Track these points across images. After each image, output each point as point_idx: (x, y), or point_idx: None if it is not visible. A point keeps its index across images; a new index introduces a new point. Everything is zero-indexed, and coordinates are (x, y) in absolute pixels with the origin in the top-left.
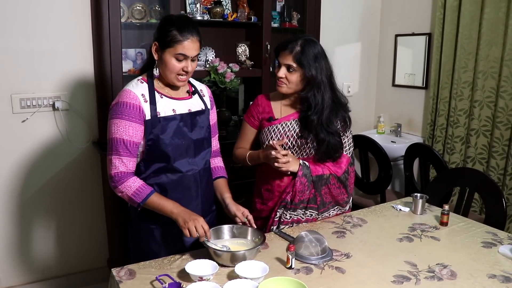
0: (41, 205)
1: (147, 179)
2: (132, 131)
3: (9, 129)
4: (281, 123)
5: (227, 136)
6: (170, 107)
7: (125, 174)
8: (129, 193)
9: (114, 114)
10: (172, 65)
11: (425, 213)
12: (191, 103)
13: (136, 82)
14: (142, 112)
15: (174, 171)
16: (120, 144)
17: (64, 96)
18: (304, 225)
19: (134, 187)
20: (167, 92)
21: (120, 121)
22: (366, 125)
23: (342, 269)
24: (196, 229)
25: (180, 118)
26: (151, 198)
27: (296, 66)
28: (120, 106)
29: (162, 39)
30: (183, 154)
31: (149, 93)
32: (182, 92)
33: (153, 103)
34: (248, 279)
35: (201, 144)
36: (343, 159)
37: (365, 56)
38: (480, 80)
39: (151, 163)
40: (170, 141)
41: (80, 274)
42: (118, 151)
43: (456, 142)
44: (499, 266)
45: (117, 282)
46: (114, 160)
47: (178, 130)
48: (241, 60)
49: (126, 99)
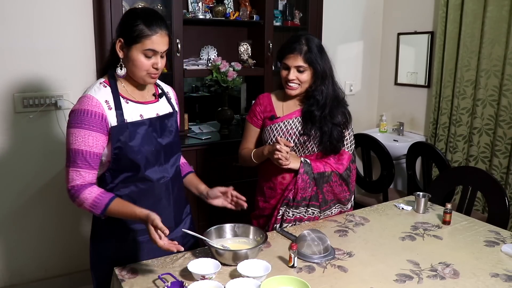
0: (42, 204)
1: (114, 190)
2: (92, 141)
3: (12, 128)
4: (283, 121)
5: (230, 135)
6: (137, 113)
7: (82, 187)
8: (88, 205)
9: (73, 122)
10: (141, 62)
11: (427, 212)
12: (158, 107)
13: (98, 86)
14: (105, 120)
15: (144, 180)
16: (79, 156)
17: (67, 95)
18: (306, 224)
19: (90, 198)
20: (132, 96)
21: (78, 131)
22: (368, 124)
23: (344, 267)
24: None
25: (149, 123)
26: (111, 206)
27: (307, 66)
28: (80, 114)
29: (128, 35)
30: (152, 161)
31: (113, 98)
32: (148, 96)
33: (118, 108)
34: (251, 278)
35: (170, 149)
36: (345, 156)
37: (367, 54)
38: (483, 78)
39: (118, 173)
40: (139, 148)
41: (82, 272)
42: (76, 163)
43: (459, 141)
44: (502, 265)
45: (119, 280)
46: (71, 172)
47: (147, 136)
48: (243, 59)
49: (87, 106)
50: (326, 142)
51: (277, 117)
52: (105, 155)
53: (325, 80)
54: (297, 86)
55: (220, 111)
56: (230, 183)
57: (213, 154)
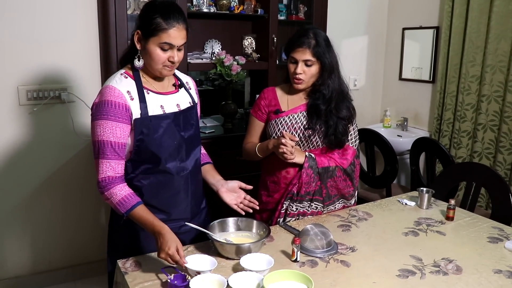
0: (47, 196)
1: (134, 180)
2: (119, 132)
3: (16, 120)
4: (288, 115)
5: (233, 129)
6: (157, 104)
7: (113, 179)
8: (115, 201)
9: (99, 114)
10: (157, 55)
11: (431, 208)
12: (178, 97)
13: (119, 77)
14: (129, 111)
15: (164, 172)
16: (108, 147)
17: (70, 88)
18: (309, 218)
19: (120, 195)
20: (153, 86)
21: (106, 122)
22: (372, 119)
23: (347, 262)
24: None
25: (173, 117)
26: (135, 210)
27: (315, 60)
28: (105, 106)
29: (145, 28)
30: (173, 154)
31: (137, 89)
32: (169, 86)
33: (142, 100)
34: (253, 272)
35: (191, 142)
36: (349, 151)
37: (372, 49)
38: (488, 74)
39: (139, 164)
40: (161, 141)
41: (85, 265)
42: (106, 154)
43: (463, 137)
44: (505, 261)
45: (122, 273)
46: (102, 164)
47: (169, 129)
48: (247, 53)
49: (111, 97)
50: (331, 136)
51: (282, 111)
52: (128, 146)
53: (332, 74)
54: (305, 80)
55: (224, 105)
56: (233, 177)
57: (216, 148)
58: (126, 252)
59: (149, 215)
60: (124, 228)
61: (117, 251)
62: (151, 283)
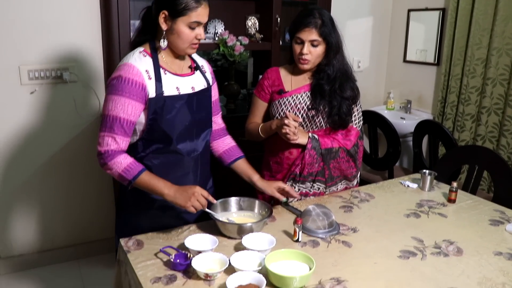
0: (50, 176)
1: (144, 159)
2: (131, 109)
3: (17, 100)
4: (291, 95)
5: (236, 109)
6: (173, 85)
7: (116, 152)
8: (119, 170)
9: (114, 90)
10: (186, 34)
11: (433, 190)
12: (193, 80)
13: (138, 54)
14: (145, 90)
15: (174, 152)
16: (116, 122)
17: (72, 68)
18: (311, 199)
19: (124, 163)
20: (170, 67)
21: (119, 98)
22: (375, 101)
23: (348, 243)
24: (199, 201)
25: (187, 98)
26: (142, 176)
27: (321, 40)
28: (121, 82)
29: (173, 8)
30: (185, 135)
31: (154, 69)
32: (185, 68)
33: (158, 80)
34: (255, 251)
35: (203, 124)
36: (353, 132)
37: (376, 31)
38: (494, 57)
39: (150, 143)
40: (174, 122)
41: (88, 244)
42: (113, 129)
43: (467, 120)
44: (506, 244)
45: (125, 252)
46: (107, 137)
47: (183, 110)
48: (250, 33)
49: (129, 74)
50: (334, 116)
51: (286, 92)
52: (140, 124)
53: (337, 54)
54: (311, 60)
55: (227, 86)
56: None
57: None
58: (133, 230)
59: (156, 178)
60: (132, 206)
61: (125, 229)
62: (153, 262)
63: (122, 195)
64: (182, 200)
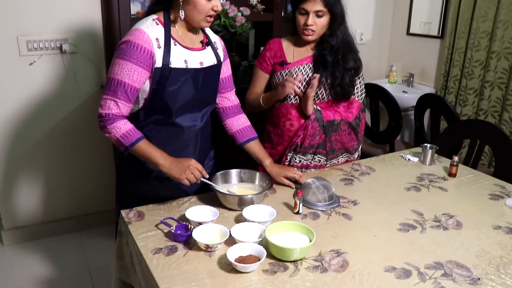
0: (51, 148)
1: (144, 129)
2: (136, 76)
3: (16, 72)
4: (293, 67)
5: (237, 81)
6: (182, 57)
7: (117, 116)
8: (118, 135)
9: (122, 54)
10: (203, 5)
11: (434, 164)
12: (203, 55)
13: (151, 22)
14: (153, 58)
15: (174, 125)
16: (120, 87)
17: (72, 39)
18: (312, 172)
19: (124, 129)
20: (181, 39)
21: (126, 63)
22: (377, 74)
23: (349, 215)
24: (194, 175)
25: (194, 72)
26: (139, 144)
27: (326, 10)
28: (130, 47)
29: None
30: (187, 109)
31: (164, 38)
32: (197, 42)
33: (167, 50)
34: (256, 223)
35: (207, 101)
36: (355, 104)
37: (380, 2)
38: (499, 30)
39: (152, 113)
40: (176, 95)
41: (89, 216)
42: (116, 93)
43: (469, 94)
44: (505, 218)
45: (126, 223)
46: (110, 101)
47: (187, 84)
48: (252, 4)
49: (138, 40)
50: (337, 87)
51: (288, 63)
52: (144, 93)
53: (341, 25)
54: (316, 31)
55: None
56: None
57: None
58: (134, 201)
59: (153, 147)
60: (132, 178)
61: (126, 200)
62: (154, 233)
63: (121, 164)
64: (176, 172)
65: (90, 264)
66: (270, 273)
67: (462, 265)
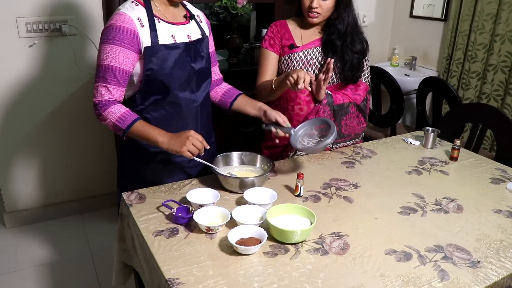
0: (51, 131)
1: (144, 112)
2: (122, 57)
3: (16, 53)
4: (302, 50)
5: (238, 63)
6: (168, 33)
7: (110, 102)
8: (113, 120)
9: (105, 38)
10: None
11: (435, 148)
12: (189, 29)
13: (130, 4)
14: (137, 38)
15: (173, 104)
16: (108, 71)
17: (72, 21)
18: (314, 155)
19: (118, 113)
20: (164, 16)
21: (110, 47)
22: (380, 57)
23: (350, 198)
24: (195, 145)
25: (184, 47)
26: (136, 125)
27: None
28: (112, 30)
29: None
30: (184, 86)
31: (147, 17)
32: (180, 17)
33: (153, 29)
34: (257, 205)
35: (203, 75)
36: (362, 86)
37: None
38: (504, 12)
39: (149, 95)
40: (172, 72)
41: (91, 198)
42: (106, 79)
43: (472, 78)
44: (506, 201)
45: (127, 205)
46: (101, 87)
47: (180, 60)
48: None
49: (119, 22)
50: (347, 71)
51: (297, 46)
52: (137, 75)
53: (347, 7)
54: (321, 14)
55: (229, 39)
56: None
57: None
58: (135, 184)
59: (151, 126)
60: (133, 160)
61: (127, 183)
62: (155, 215)
63: (123, 149)
64: (177, 145)
65: (92, 247)
66: (271, 255)
67: (462, 248)
